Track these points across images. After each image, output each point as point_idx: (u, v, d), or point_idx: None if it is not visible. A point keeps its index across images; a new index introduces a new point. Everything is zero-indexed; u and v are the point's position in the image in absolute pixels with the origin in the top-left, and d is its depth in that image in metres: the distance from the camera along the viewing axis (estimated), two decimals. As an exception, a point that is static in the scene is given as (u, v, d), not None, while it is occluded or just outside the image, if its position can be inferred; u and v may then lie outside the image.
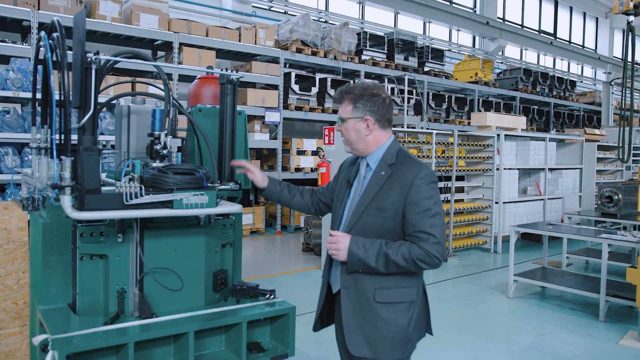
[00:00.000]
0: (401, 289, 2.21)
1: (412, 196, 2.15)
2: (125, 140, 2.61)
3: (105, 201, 1.88)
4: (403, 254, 2.10)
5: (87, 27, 8.04)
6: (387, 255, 2.11)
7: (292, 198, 2.64)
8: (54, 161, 1.87)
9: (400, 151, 2.30)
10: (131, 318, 2.18)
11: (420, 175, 2.17)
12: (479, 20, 17.86)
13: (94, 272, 2.19)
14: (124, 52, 2.31)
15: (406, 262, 2.10)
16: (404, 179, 2.18)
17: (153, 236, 2.21)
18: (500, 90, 15.35)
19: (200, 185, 2.11)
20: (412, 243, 2.13)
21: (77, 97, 2.10)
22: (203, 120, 2.65)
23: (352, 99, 2.27)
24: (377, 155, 2.30)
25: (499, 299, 6.15)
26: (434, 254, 2.10)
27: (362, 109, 2.25)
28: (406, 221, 2.16)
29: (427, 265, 2.11)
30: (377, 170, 2.26)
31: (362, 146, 2.30)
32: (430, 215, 2.13)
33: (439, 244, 2.12)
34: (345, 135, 2.33)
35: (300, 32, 10.75)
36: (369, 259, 2.12)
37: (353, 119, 2.27)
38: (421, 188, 2.15)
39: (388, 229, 2.19)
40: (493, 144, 8.83)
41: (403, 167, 2.22)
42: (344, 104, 2.30)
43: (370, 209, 2.21)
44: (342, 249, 2.16)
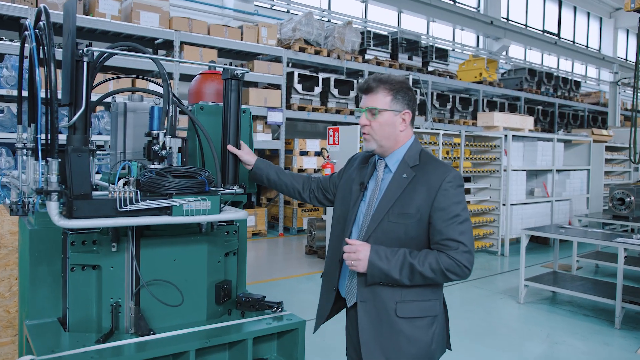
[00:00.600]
0: (424, 302, 2.03)
1: (439, 201, 1.97)
2: (121, 140, 2.42)
3: (97, 208, 1.70)
4: (430, 264, 1.92)
5: (86, 25, 7.94)
6: (413, 265, 1.92)
7: (280, 178, 2.46)
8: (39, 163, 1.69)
9: (423, 152, 2.12)
10: (126, 335, 1.99)
11: (448, 178, 1.99)
12: (483, 20, 17.67)
13: (86, 284, 2.01)
14: (119, 44, 2.12)
15: (434, 273, 1.92)
16: (430, 182, 1.99)
17: (150, 245, 2.02)
18: (504, 91, 15.16)
19: (202, 190, 1.92)
20: (439, 252, 1.95)
21: (67, 94, 1.92)
22: (205, 119, 2.47)
23: (392, 90, 2.06)
24: (397, 156, 2.10)
25: (510, 305, 5.96)
26: (464, 263, 1.93)
27: (402, 102, 2.07)
28: (433, 228, 1.98)
29: (456, 276, 1.94)
30: (397, 173, 2.07)
31: (390, 143, 2.09)
32: (460, 221, 1.96)
33: (469, 252, 1.94)
34: (374, 129, 2.07)
35: (303, 31, 10.57)
36: (392, 271, 1.93)
37: (391, 112, 2.05)
38: (449, 192, 1.97)
39: (412, 237, 2.00)
40: (500, 144, 8.64)
41: (428, 169, 2.04)
42: (379, 94, 2.06)
43: (391, 215, 2.01)
44: (363, 259, 1.95)
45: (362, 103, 2.11)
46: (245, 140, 2.60)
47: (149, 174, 1.88)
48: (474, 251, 1.97)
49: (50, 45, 1.64)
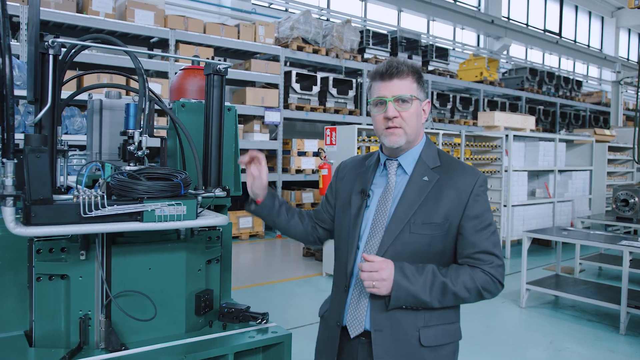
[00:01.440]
0: (448, 326, 1.77)
1: (472, 208, 1.72)
2: (97, 140, 2.28)
3: (58, 213, 1.55)
4: (464, 282, 1.67)
5: (79, 23, 7.79)
6: (445, 285, 1.66)
7: (289, 220, 2.01)
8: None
9: (441, 152, 1.88)
10: (96, 350, 1.84)
11: (479, 182, 1.75)
12: (484, 19, 17.52)
13: (54, 296, 1.86)
14: (91, 37, 1.97)
15: (468, 293, 1.68)
16: (459, 186, 1.73)
17: (123, 253, 1.87)
18: (505, 90, 15.00)
19: (177, 193, 1.77)
20: (472, 267, 1.70)
21: (31, 90, 1.77)
22: (186, 117, 2.32)
23: (418, 75, 1.78)
24: (413, 155, 1.81)
25: (511, 309, 5.80)
26: (499, 279, 1.71)
27: (423, 90, 1.81)
28: (463, 239, 1.72)
29: (490, 294, 1.71)
30: (416, 175, 1.78)
31: (414, 137, 1.80)
32: (492, 231, 1.74)
33: (502, 266, 1.73)
34: (407, 121, 1.75)
35: (301, 30, 10.42)
36: (421, 292, 1.65)
37: (418, 100, 1.77)
38: (482, 197, 1.75)
39: (437, 251, 1.73)
40: (501, 144, 8.48)
41: (454, 171, 1.78)
42: (406, 79, 1.75)
43: (413, 225, 1.71)
44: (387, 278, 1.64)
45: (386, 90, 1.75)
46: (230, 140, 2.45)
47: (119, 177, 1.73)
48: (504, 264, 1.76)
49: (4, 35, 1.49)
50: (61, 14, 7.56)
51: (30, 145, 1.51)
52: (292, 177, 10.29)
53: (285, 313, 5.46)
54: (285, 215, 2.00)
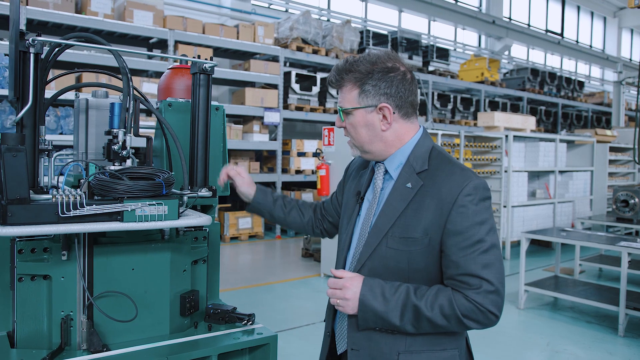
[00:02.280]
0: (438, 354, 1.54)
1: (455, 222, 1.47)
2: (83, 140, 2.26)
3: (35, 213, 1.53)
4: (442, 307, 1.45)
5: (78, 24, 7.80)
6: (418, 309, 1.45)
7: (287, 214, 2.02)
8: (-31, 164, 1.53)
9: (435, 152, 1.62)
10: (78, 352, 1.82)
11: (467, 190, 1.48)
12: (485, 19, 17.48)
13: (36, 296, 1.84)
14: (73, 35, 1.96)
15: (446, 320, 1.45)
16: (441, 195, 1.49)
17: (105, 253, 1.85)
18: (507, 91, 14.96)
19: (158, 193, 1.75)
20: (454, 291, 1.47)
21: (12, 88, 1.76)
22: (173, 117, 2.30)
23: (358, 80, 1.58)
24: (399, 158, 1.62)
25: (509, 311, 5.76)
26: (488, 307, 1.43)
27: (374, 93, 1.56)
28: (446, 258, 1.49)
29: (478, 324, 1.46)
30: (400, 181, 1.58)
31: (379, 147, 1.62)
32: (483, 249, 1.45)
33: (495, 292, 1.44)
34: (351, 133, 1.64)
35: (301, 30, 10.40)
36: (390, 314, 1.47)
37: (362, 109, 1.58)
38: (469, 209, 1.47)
39: (417, 269, 1.52)
40: (501, 145, 8.45)
41: (440, 175, 1.54)
42: (345, 89, 1.61)
43: (391, 239, 1.53)
44: (351, 298, 1.50)
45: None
46: (218, 140, 2.43)
47: (100, 176, 1.71)
48: (503, 290, 1.46)
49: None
50: (60, 15, 7.57)
51: (7, 144, 1.50)
52: (291, 178, 10.27)
53: (281, 314, 5.44)
54: (282, 209, 2.01)
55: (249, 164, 10.01)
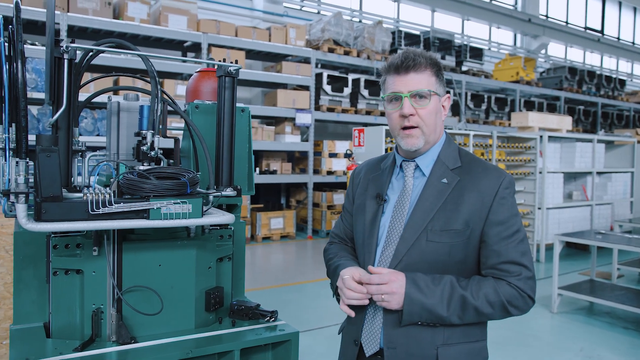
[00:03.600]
0: (472, 345, 1.60)
1: (497, 212, 1.55)
2: (114, 141, 2.35)
3: (67, 210, 1.62)
4: (487, 295, 1.50)
5: (115, 29, 8.05)
6: (465, 298, 1.50)
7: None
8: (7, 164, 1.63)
9: (463, 150, 1.71)
10: (108, 343, 1.91)
11: (505, 183, 1.58)
12: (521, 18, 17.14)
13: (70, 289, 1.93)
14: (106, 41, 2.05)
15: (492, 308, 1.51)
16: (481, 189, 1.57)
17: (133, 249, 1.93)
18: (543, 90, 14.63)
19: (183, 192, 1.81)
20: (497, 279, 1.53)
21: (48, 92, 1.86)
22: (200, 118, 2.37)
23: (436, 68, 1.61)
24: (431, 156, 1.66)
25: (542, 315, 5.65)
26: (528, 292, 1.53)
27: (442, 84, 1.63)
28: (487, 248, 1.56)
29: (518, 310, 1.54)
30: (434, 177, 1.62)
31: (434, 137, 1.65)
32: (520, 239, 1.56)
33: (532, 278, 1.55)
34: (424, 119, 1.60)
35: (333, 32, 10.45)
36: (437, 306, 1.50)
37: (437, 96, 1.61)
38: (508, 201, 1.57)
39: (458, 261, 1.57)
40: (535, 145, 8.28)
41: (476, 172, 1.61)
42: (424, 73, 1.59)
43: (430, 233, 1.56)
44: (397, 291, 1.50)
45: (402, 84, 1.59)
46: (244, 141, 2.49)
47: (129, 175, 1.79)
48: (535, 276, 1.57)
49: (17, 41, 1.57)
50: (98, 21, 7.83)
51: (41, 145, 1.59)
52: (323, 179, 10.33)
53: (310, 314, 5.49)
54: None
55: (281, 165, 10.11)
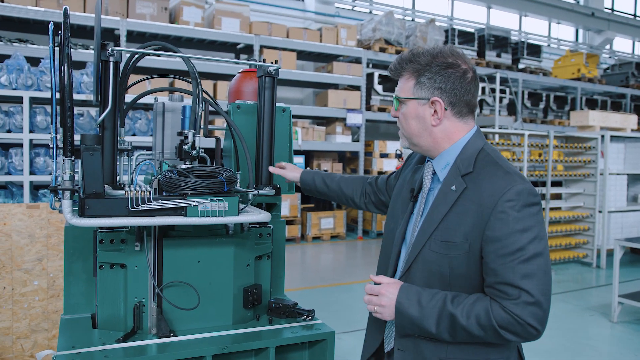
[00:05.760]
0: None
1: (493, 228, 1.41)
2: (159, 140, 2.43)
3: (109, 207, 1.68)
4: (478, 317, 1.40)
5: (171, 33, 8.33)
6: (454, 317, 1.42)
7: (328, 187, 2.25)
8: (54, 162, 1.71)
9: (483, 153, 1.56)
10: (149, 335, 1.97)
11: (508, 195, 1.42)
12: (583, 12, 16.40)
13: (114, 283, 2.01)
14: (150, 44, 2.12)
15: (483, 331, 1.41)
16: (482, 200, 1.45)
17: (173, 245, 1.99)
18: (607, 87, 13.93)
19: (219, 190, 1.85)
20: (492, 300, 1.42)
21: (95, 94, 1.94)
22: (242, 118, 2.41)
23: (416, 71, 1.57)
24: (446, 159, 1.58)
25: (601, 324, 5.38)
26: (527, 320, 1.36)
27: (429, 86, 1.55)
28: (485, 266, 1.44)
29: (516, 336, 1.39)
30: (446, 183, 1.55)
31: (427, 142, 1.60)
32: (524, 258, 1.38)
33: (536, 304, 1.36)
34: (402, 124, 1.63)
35: (384, 31, 10.38)
36: (426, 322, 1.45)
37: (415, 101, 1.57)
38: (509, 215, 1.40)
39: (459, 275, 1.49)
40: (596, 146, 7.90)
41: (483, 179, 1.49)
42: (403, 78, 1.61)
43: (433, 242, 1.51)
44: (387, 304, 1.50)
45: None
46: (285, 141, 2.52)
47: (169, 174, 1.85)
48: (546, 302, 1.37)
49: (65, 46, 1.65)
50: (155, 25, 8.13)
51: (85, 144, 1.66)
52: (373, 179, 10.26)
53: (355, 314, 5.47)
54: (323, 185, 2.26)
55: (331, 165, 10.13)
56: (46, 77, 4.78)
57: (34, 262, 3.68)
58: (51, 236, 3.72)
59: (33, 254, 3.67)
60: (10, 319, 3.61)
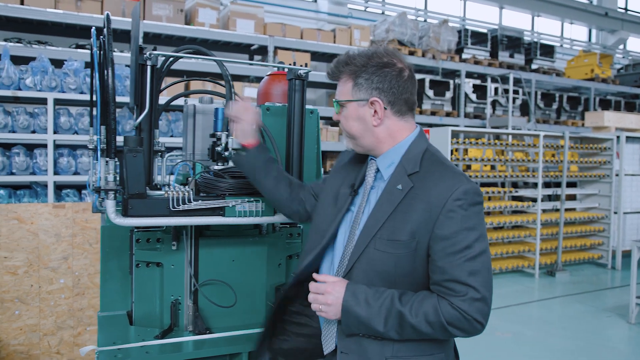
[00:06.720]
0: (424, 358, 1.52)
1: (443, 226, 1.44)
2: (191, 142, 2.48)
3: (151, 207, 1.74)
4: (426, 315, 1.43)
5: (187, 35, 8.40)
6: (402, 315, 1.44)
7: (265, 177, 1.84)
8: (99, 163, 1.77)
9: (428, 153, 1.59)
10: (185, 332, 2.03)
11: (456, 194, 1.46)
12: (597, 12, 16.30)
13: (150, 281, 2.07)
14: (185, 48, 2.17)
15: (431, 328, 1.44)
16: (430, 199, 1.47)
17: (209, 245, 2.04)
18: (621, 88, 13.83)
19: (256, 191, 1.90)
20: (440, 297, 1.45)
21: (132, 96, 1.99)
22: (271, 120, 2.45)
23: (352, 73, 1.59)
24: (392, 158, 1.60)
25: (617, 325, 5.37)
26: (474, 315, 1.42)
27: (367, 87, 1.57)
28: (432, 263, 1.47)
29: (463, 332, 1.44)
30: (391, 182, 1.56)
31: (370, 141, 1.61)
32: (471, 256, 1.43)
33: (482, 300, 1.42)
34: (344, 126, 1.65)
35: (397, 32, 10.39)
36: (373, 321, 1.46)
37: (354, 102, 1.59)
38: (457, 214, 1.44)
39: (404, 273, 1.50)
40: (611, 146, 7.87)
41: (430, 178, 1.51)
42: (341, 81, 1.64)
43: (378, 241, 1.51)
44: (333, 303, 1.49)
45: None
46: (312, 141, 2.56)
47: (206, 175, 1.90)
48: (490, 298, 1.44)
49: (108, 50, 1.70)
50: (171, 27, 8.20)
51: (128, 146, 1.72)
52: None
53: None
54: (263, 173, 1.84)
55: (343, 166, 10.16)
56: (69, 78, 4.85)
57: (60, 261, 3.75)
58: (76, 235, 3.79)
59: (59, 252, 3.74)
60: (37, 316, 3.68)
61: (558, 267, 7.44)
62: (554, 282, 7.07)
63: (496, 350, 4.52)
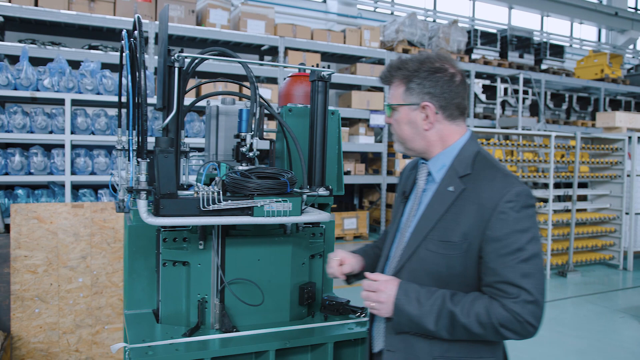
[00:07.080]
0: None
1: (494, 228, 1.45)
2: (213, 142, 2.52)
3: (182, 207, 1.76)
4: (478, 315, 1.44)
5: (198, 35, 8.45)
6: (454, 315, 1.45)
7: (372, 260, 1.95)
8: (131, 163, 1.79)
9: (480, 156, 1.61)
10: (212, 330, 2.05)
11: (508, 196, 1.46)
12: (606, 12, 16.24)
13: (177, 280, 2.10)
14: (210, 50, 2.20)
15: (483, 329, 1.44)
16: (482, 201, 1.48)
17: (235, 244, 2.07)
18: (631, 88, 13.77)
19: (283, 191, 1.92)
20: (492, 299, 1.45)
21: (160, 98, 2.02)
22: (293, 121, 2.48)
23: (405, 77, 1.61)
24: (443, 161, 1.62)
25: (630, 326, 5.36)
26: (526, 318, 1.41)
27: (419, 91, 1.59)
28: (484, 265, 1.48)
29: (515, 334, 1.44)
30: (443, 184, 1.58)
31: (421, 145, 1.64)
32: (523, 258, 1.43)
33: (534, 303, 1.42)
34: (395, 129, 1.68)
35: (407, 32, 10.40)
36: (424, 319, 1.47)
37: (406, 107, 1.61)
38: (509, 216, 1.45)
39: (456, 274, 1.51)
40: (623, 147, 7.85)
41: (482, 180, 1.53)
42: (393, 85, 1.66)
43: (430, 242, 1.53)
44: (385, 301, 1.52)
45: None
46: (334, 142, 2.58)
47: (233, 175, 1.92)
48: (542, 301, 1.43)
49: (141, 53, 1.73)
50: (183, 28, 8.25)
51: (160, 146, 1.74)
52: (396, 180, 10.29)
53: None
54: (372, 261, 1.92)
55: (354, 166, 10.18)
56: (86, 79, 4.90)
57: (79, 260, 3.80)
58: (94, 235, 3.84)
59: (78, 251, 3.79)
60: (56, 315, 3.73)
61: (569, 268, 7.42)
62: (565, 282, 7.06)
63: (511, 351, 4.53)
